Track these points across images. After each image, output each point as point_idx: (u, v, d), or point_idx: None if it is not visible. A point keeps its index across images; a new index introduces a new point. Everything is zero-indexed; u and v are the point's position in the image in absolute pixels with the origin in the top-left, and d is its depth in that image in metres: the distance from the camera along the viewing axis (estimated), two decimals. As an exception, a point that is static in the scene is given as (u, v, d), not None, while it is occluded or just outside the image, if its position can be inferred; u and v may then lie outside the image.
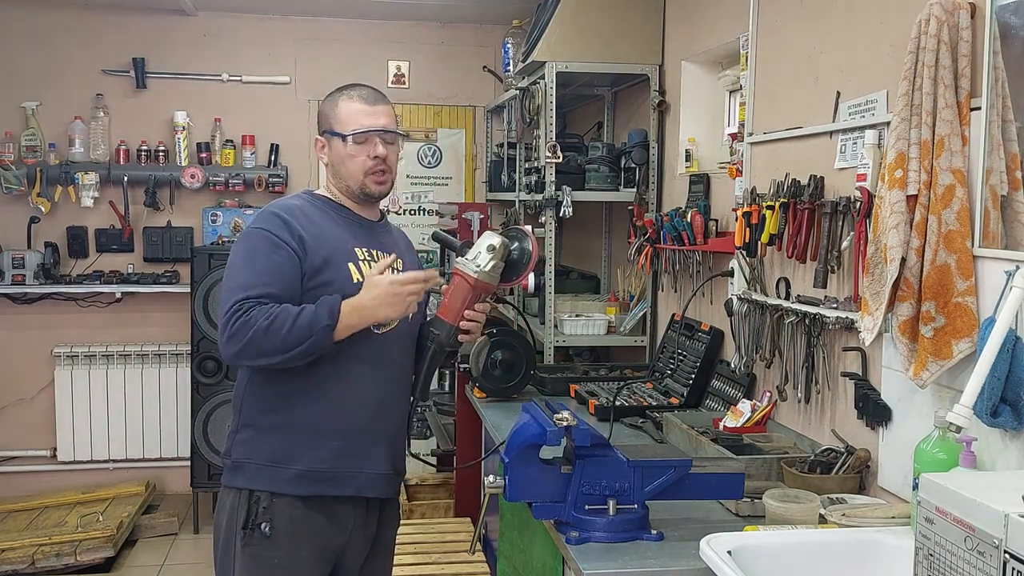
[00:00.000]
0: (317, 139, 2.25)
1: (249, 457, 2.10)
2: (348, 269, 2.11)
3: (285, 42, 5.34)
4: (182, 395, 5.17)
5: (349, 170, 2.17)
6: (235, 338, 1.96)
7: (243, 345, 1.95)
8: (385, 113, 2.20)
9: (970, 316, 1.88)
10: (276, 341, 1.95)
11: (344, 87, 2.24)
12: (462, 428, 3.94)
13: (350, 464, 2.12)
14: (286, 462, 2.08)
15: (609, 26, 3.81)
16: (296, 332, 1.95)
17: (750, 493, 2.10)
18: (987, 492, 1.28)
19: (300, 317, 1.96)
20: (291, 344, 1.96)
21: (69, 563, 4.27)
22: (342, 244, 2.14)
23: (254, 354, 1.97)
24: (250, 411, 2.13)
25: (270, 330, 1.95)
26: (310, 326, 1.96)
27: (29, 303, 5.17)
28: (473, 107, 5.53)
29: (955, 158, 1.90)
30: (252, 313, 1.96)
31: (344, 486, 2.12)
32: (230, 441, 2.16)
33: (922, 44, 1.95)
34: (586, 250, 4.93)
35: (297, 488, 2.07)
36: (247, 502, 2.07)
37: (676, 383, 3.24)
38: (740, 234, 2.76)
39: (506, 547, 2.83)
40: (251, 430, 2.12)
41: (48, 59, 5.12)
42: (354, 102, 2.18)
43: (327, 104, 2.23)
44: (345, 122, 2.16)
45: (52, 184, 5.01)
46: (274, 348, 1.96)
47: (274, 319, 1.95)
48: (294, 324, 1.95)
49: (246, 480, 2.09)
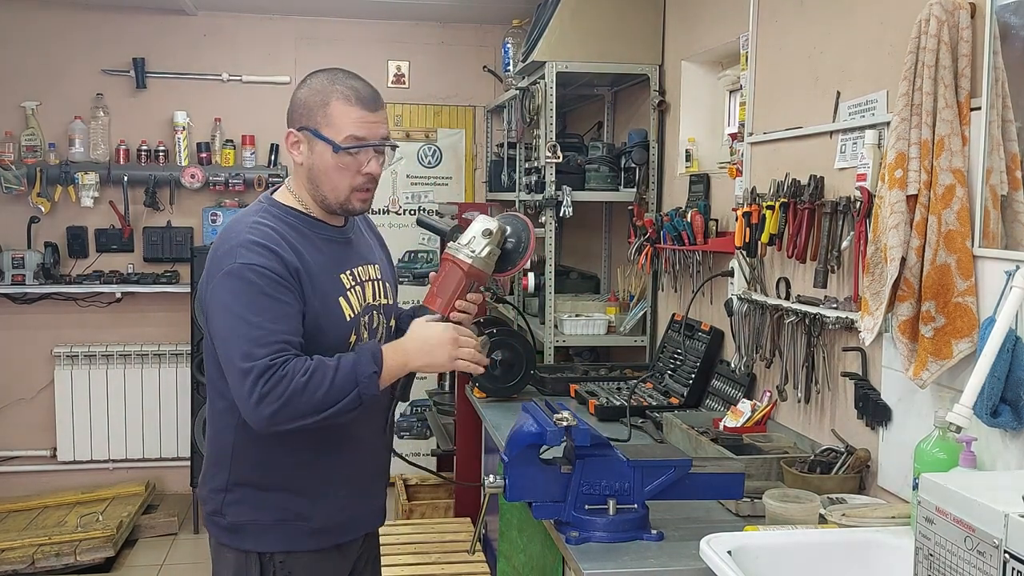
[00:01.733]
0: (291, 132, 1.89)
1: (252, 519, 1.90)
2: (340, 307, 1.88)
3: (285, 42, 5.34)
4: (182, 395, 5.17)
5: (332, 183, 1.87)
6: (269, 399, 1.68)
7: (280, 406, 1.69)
8: (384, 119, 1.90)
9: (970, 316, 1.88)
10: (317, 398, 1.70)
11: (334, 75, 1.89)
12: (462, 428, 3.94)
13: (358, 507, 2.02)
14: (297, 521, 1.90)
15: (609, 26, 3.81)
16: (339, 385, 1.72)
17: (750, 493, 2.10)
18: (987, 492, 1.28)
19: (340, 367, 1.73)
20: (333, 399, 1.72)
21: (69, 563, 4.27)
22: (328, 275, 1.88)
23: (291, 416, 1.71)
24: (244, 470, 1.90)
25: (309, 386, 1.70)
26: (355, 376, 1.73)
27: (29, 303, 5.17)
28: (473, 107, 5.53)
29: (955, 158, 1.90)
30: (289, 367, 1.70)
31: (356, 530, 2.04)
32: (219, 499, 1.91)
33: (922, 44, 1.95)
34: (586, 250, 4.93)
35: (311, 544, 1.92)
36: (259, 564, 1.90)
37: (676, 383, 3.24)
38: (740, 234, 2.76)
39: (506, 547, 2.83)
40: (248, 490, 1.90)
41: (48, 59, 5.12)
42: (352, 105, 1.84)
43: (312, 95, 1.87)
44: (338, 127, 1.84)
45: (52, 184, 5.01)
46: (315, 406, 1.71)
47: (312, 373, 1.70)
48: (336, 376, 1.72)
49: (254, 543, 1.90)
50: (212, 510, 1.95)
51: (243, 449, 1.90)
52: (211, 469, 1.95)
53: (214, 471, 1.94)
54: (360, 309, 1.95)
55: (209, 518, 1.96)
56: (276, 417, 1.70)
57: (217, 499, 1.93)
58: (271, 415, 1.70)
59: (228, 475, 1.91)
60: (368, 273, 2.01)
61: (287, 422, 1.72)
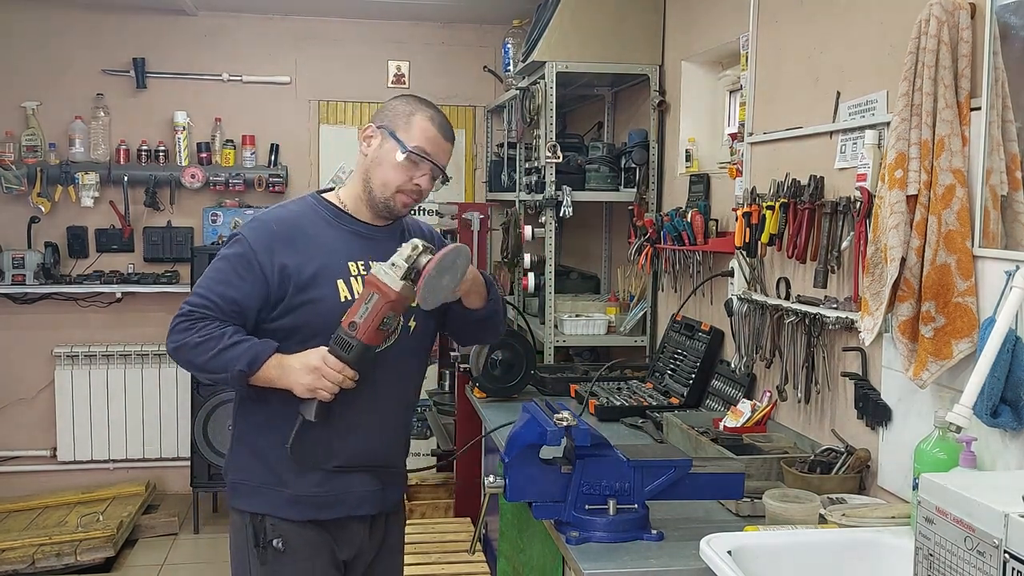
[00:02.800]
0: (369, 126, 2.11)
1: (243, 479, 2.09)
2: (336, 287, 2.03)
3: (285, 42, 5.34)
4: (182, 395, 5.17)
5: (385, 177, 2.06)
6: (172, 336, 2.00)
7: (176, 346, 1.99)
8: (448, 152, 2.12)
9: (970, 316, 1.88)
10: (199, 360, 1.97)
11: (429, 104, 2.13)
12: (462, 428, 3.94)
13: (342, 486, 2.07)
14: (276, 486, 2.04)
15: (609, 26, 3.81)
16: (217, 361, 1.95)
17: (750, 493, 2.10)
18: (987, 492, 1.28)
19: (227, 350, 1.95)
20: (210, 368, 1.98)
21: (69, 563, 4.27)
22: (335, 259, 2.05)
23: (181, 359, 2.01)
24: (243, 428, 2.12)
25: (198, 348, 1.96)
26: (228, 363, 1.95)
27: (29, 303, 5.17)
28: (473, 107, 5.53)
29: (955, 158, 1.90)
30: (199, 324, 1.97)
31: (339, 509, 2.08)
32: (229, 458, 2.16)
33: (922, 44, 1.95)
34: (586, 250, 4.93)
35: (292, 512, 2.04)
36: (251, 522, 2.05)
37: (676, 383, 3.24)
38: (740, 234, 2.76)
39: (506, 547, 2.83)
40: (244, 449, 2.11)
41: (48, 59, 5.12)
42: (432, 126, 2.07)
43: (403, 105, 2.10)
44: (413, 136, 2.05)
45: (52, 184, 5.01)
46: (196, 365, 1.99)
47: (207, 340, 1.96)
48: (219, 354, 1.95)
49: (245, 502, 2.08)
50: (224, 469, 2.17)
51: (243, 409, 2.11)
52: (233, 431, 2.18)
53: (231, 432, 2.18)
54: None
55: (225, 479, 2.17)
56: (174, 353, 2.02)
57: (227, 458, 2.16)
58: (172, 349, 2.02)
59: (235, 432, 2.15)
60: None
61: (178, 362, 2.04)
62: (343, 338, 1.93)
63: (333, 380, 1.93)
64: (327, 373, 1.93)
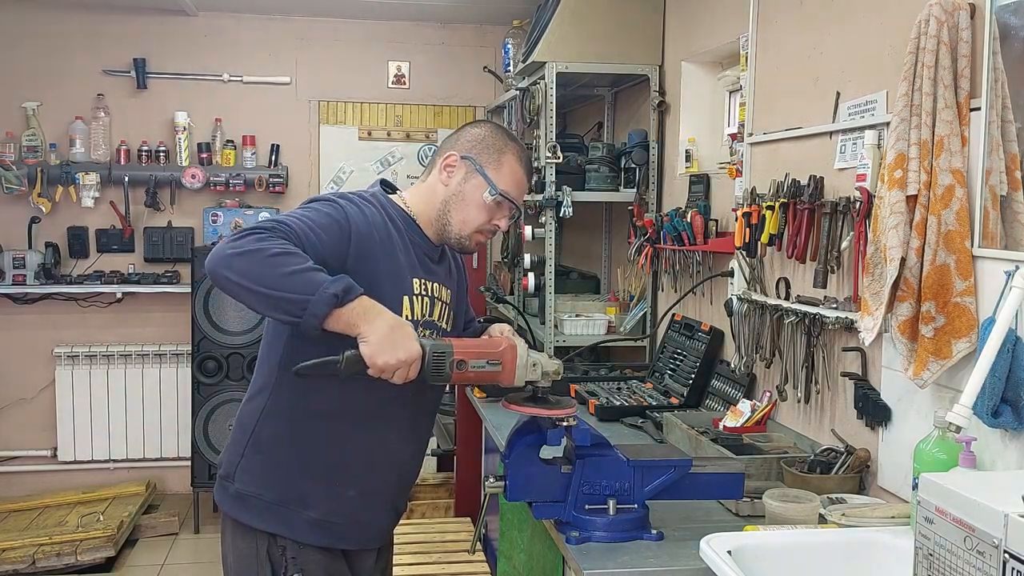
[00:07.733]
0: (452, 155, 1.98)
1: (256, 492, 1.91)
2: (401, 302, 1.89)
3: (285, 42, 5.34)
4: (182, 395, 5.18)
5: (468, 215, 1.96)
6: (238, 243, 1.68)
7: (239, 252, 1.66)
8: (526, 191, 2.08)
9: (970, 316, 1.88)
10: (270, 272, 1.65)
11: (514, 138, 2.04)
12: (462, 428, 3.94)
13: (362, 515, 1.97)
14: (297, 506, 1.89)
15: (609, 26, 3.81)
16: (296, 280, 1.65)
17: (750, 493, 2.10)
18: (987, 492, 1.28)
19: (313, 271, 1.68)
20: (281, 286, 1.65)
21: (69, 563, 4.27)
22: (403, 271, 1.92)
23: (239, 268, 1.66)
24: (265, 437, 1.92)
25: (275, 259, 1.66)
26: (313, 284, 1.65)
27: (30, 303, 5.17)
28: (473, 107, 5.54)
29: (955, 158, 1.90)
30: (277, 240, 1.69)
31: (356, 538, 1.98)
32: (234, 463, 1.94)
33: (922, 44, 1.95)
34: (586, 250, 4.93)
35: (313, 538, 1.90)
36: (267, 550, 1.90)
37: (676, 383, 3.24)
38: (740, 234, 2.76)
39: (506, 547, 2.83)
40: (262, 459, 1.91)
41: (49, 59, 5.13)
42: (521, 167, 2.00)
43: (492, 138, 2.00)
44: (502, 176, 1.97)
45: (53, 184, 5.01)
46: (258, 278, 1.65)
47: (288, 254, 1.67)
48: (301, 272, 1.66)
49: (258, 519, 1.91)
50: (224, 474, 1.96)
51: (269, 418, 1.91)
52: (236, 434, 1.98)
53: (238, 435, 1.96)
54: (420, 319, 1.93)
55: (220, 483, 1.97)
56: (229, 259, 1.67)
57: (232, 463, 1.94)
58: (226, 255, 1.67)
59: (249, 438, 1.92)
60: (441, 294, 2.02)
61: (230, 270, 1.67)
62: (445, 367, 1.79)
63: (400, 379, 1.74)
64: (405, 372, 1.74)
